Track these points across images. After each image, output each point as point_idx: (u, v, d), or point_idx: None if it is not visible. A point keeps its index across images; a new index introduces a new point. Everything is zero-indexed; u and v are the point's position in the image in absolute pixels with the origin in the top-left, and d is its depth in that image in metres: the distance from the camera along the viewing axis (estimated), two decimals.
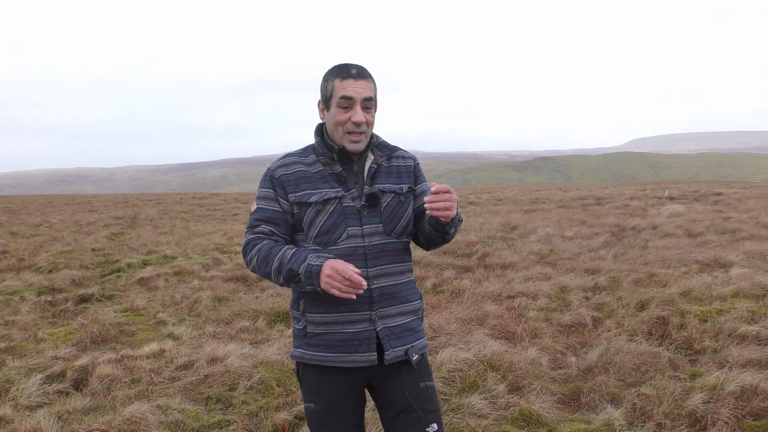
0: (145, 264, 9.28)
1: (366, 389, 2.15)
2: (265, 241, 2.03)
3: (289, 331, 5.41)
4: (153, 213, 21.86)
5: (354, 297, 1.85)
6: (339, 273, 1.83)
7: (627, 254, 8.96)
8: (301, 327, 2.07)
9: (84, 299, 7.11)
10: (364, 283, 1.84)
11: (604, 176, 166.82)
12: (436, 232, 2.04)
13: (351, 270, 1.84)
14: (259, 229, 2.05)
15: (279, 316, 5.97)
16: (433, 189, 1.91)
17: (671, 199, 21.99)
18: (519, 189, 38.21)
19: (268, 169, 2.10)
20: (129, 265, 9.16)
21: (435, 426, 2.05)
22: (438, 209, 1.91)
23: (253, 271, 2.05)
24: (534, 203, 22.18)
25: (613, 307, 5.97)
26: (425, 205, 1.93)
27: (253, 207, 2.09)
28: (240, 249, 10.71)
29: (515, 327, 5.32)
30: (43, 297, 7.19)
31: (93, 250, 11.17)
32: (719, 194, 22.86)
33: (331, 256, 1.94)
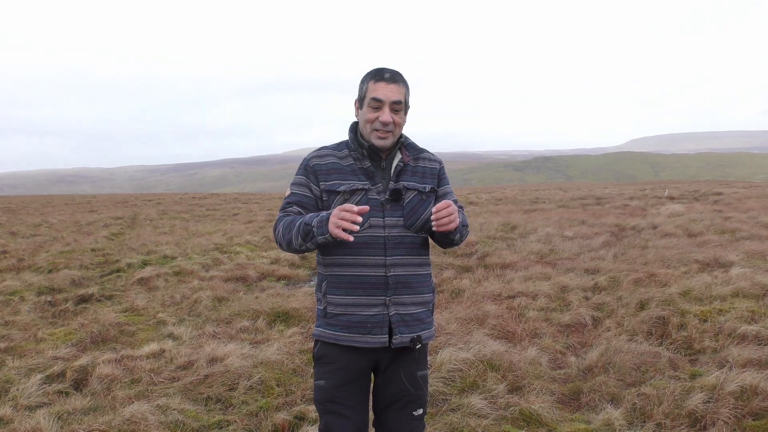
0: (144, 264, 9.28)
1: (372, 370, 2.29)
2: (291, 216, 2.20)
3: (289, 331, 5.43)
4: (152, 213, 21.86)
5: (351, 238, 1.95)
6: (343, 210, 1.96)
7: (627, 254, 8.97)
8: (323, 308, 2.24)
9: (84, 299, 7.10)
10: (359, 218, 1.94)
11: (604, 176, 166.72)
12: (444, 239, 2.26)
13: (353, 207, 1.95)
14: (289, 209, 2.23)
15: (279, 316, 5.97)
16: (434, 209, 2.09)
17: (671, 198, 22.00)
18: (519, 189, 38.21)
19: (305, 158, 2.29)
20: (129, 265, 9.17)
21: (420, 410, 2.30)
22: (442, 224, 2.08)
23: (279, 243, 2.20)
24: (534, 203, 22.20)
25: (613, 306, 5.97)
26: (432, 224, 2.11)
27: (287, 192, 2.28)
28: (240, 249, 10.74)
29: (515, 327, 5.32)
30: (42, 297, 7.19)
31: (93, 250, 11.17)
32: (719, 194, 22.88)
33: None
